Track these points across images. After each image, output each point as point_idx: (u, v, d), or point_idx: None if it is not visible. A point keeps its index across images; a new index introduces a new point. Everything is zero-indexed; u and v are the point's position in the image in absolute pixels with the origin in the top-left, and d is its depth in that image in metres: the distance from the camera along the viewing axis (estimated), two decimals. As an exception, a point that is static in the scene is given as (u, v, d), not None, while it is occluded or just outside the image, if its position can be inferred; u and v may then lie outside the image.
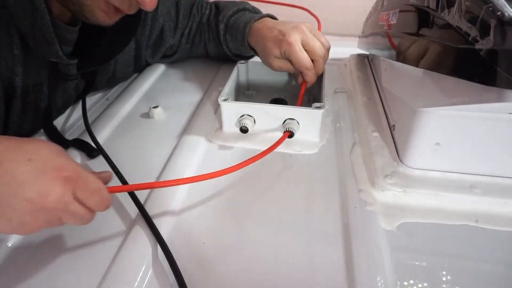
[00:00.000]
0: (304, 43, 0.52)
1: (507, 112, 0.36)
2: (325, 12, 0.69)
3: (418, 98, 0.41)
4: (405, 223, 0.39)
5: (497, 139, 0.38)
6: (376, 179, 0.42)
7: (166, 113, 0.59)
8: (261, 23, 0.60)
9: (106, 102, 0.64)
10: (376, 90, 0.60)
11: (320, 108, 0.47)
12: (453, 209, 0.40)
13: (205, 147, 0.50)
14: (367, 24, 0.68)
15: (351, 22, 0.82)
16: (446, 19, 0.33)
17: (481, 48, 0.28)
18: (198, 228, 0.38)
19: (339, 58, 0.76)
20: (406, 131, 0.43)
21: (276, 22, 0.59)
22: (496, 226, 0.38)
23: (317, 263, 0.34)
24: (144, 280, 0.33)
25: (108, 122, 0.56)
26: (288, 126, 0.48)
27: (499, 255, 0.36)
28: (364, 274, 0.33)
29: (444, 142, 0.40)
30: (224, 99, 0.49)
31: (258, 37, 0.58)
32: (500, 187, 0.40)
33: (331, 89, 0.64)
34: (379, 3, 0.60)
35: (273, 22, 0.60)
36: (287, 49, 0.52)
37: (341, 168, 0.46)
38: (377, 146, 0.47)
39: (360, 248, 0.35)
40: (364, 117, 0.54)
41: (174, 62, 0.75)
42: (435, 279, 0.33)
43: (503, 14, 0.27)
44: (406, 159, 0.43)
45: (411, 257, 0.36)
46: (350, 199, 0.41)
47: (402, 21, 0.45)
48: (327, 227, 0.38)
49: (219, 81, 0.68)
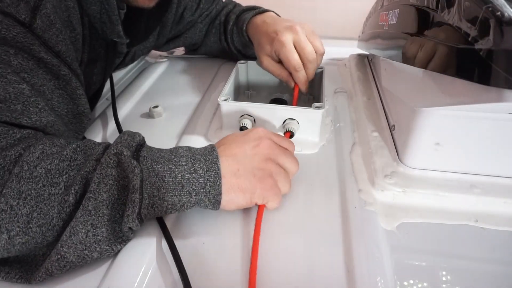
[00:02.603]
0: (295, 44, 0.52)
1: (507, 112, 0.36)
2: (325, 15, 0.69)
3: (418, 98, 0.41)
4: (405, 223, 0.39)
5: (497, 139, 0.38)
6: (376, 179, 0.42)
7: (166, 113, 0.59)
8: (261, 17, 0.61)
9: (107, 102, 0.64)
10: (376, 90, 0.60)
11: (320, 108, 0.47)
12: (453, 209, 0.40)
13: (205, 147, 0.51)
14: (367, 24, 0.68)
15: (350, 24, 0.82)
16: (446, 19, 0.33)
17: (480, 48, 0.28)
18: (198, 228, 0.38)
19: (339, 58, 0.76)
20: (406, 131, 0.43)
21: (276, 19, 0.59)
22: (496, 226, 0.38)
23: (317, 263, 0.34)
24: (144, 280, 0.33)
25: (108, 122, 0.56)
26: (288, 126, 0.48)
27: (499, 255, 0.36)
28: (364, 274, 0.33)
29: (444, 142, 0.40)
30: (224, 99, 0.49)
31: (255, 31, 0.60)
32: (500, 187, 0.40)
33: (331, 89, 0.64)
34: (379, 3, 0.60)
35: (272, 18, 0.60)
36: (277, 47, 0.53)
37: (341, 168, 0.46)
38: (377, 146, 0.47)
39: (360, 248, 0.35)
40: (364, 117, 0.54)
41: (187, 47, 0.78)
42: (435, 279, 0.33)
43: (502, 14, 0.27)
44: (406, 159, 0.43)
45: (411, 257, 0.36)
46: (350, 199, 0.41)
47: (402, 21, 0.45)
48: (327, 227, 0.38)
49: (219, 81, 0.68)
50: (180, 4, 0.67)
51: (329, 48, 0.58)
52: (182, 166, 0.35)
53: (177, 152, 0.37)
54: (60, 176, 0.32)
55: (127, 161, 0.33)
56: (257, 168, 0.38)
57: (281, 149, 0.41)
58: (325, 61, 0.75)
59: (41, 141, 0.33)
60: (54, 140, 0.34)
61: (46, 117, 0.37)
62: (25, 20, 0.36)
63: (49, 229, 0.31)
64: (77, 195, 0.32)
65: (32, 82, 0.37)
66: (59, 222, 0.31)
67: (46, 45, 0.37)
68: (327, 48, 0.57)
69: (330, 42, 0.55)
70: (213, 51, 0.76)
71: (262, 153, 0.38)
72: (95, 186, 0.32)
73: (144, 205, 0.33)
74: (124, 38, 0.51)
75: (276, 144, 0.40)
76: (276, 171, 0.39)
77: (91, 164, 0.33)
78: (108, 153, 0.33)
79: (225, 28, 0.70)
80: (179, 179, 0.34)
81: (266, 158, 0.38)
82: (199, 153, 0.37)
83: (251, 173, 0.37)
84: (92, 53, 0.51)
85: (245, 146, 0.38)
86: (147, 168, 0.34)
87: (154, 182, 0.34)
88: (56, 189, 0.31)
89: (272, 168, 0.38)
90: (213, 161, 0.36)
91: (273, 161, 0.39)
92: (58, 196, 0.31)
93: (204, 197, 0.35)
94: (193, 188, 0.35)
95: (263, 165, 0.38)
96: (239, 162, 0.37)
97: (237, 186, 0.36)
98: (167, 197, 0.34)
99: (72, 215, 0.32)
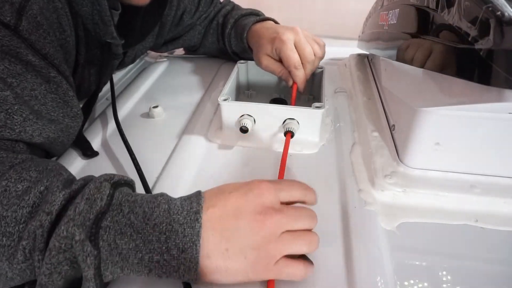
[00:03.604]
0: (296, 44, 0.53)
1: (507, 112, 0.36)
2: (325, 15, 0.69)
3: (418, 98, 0.41)
4: (405, 223, 0.39)
5: (497, 139, 0.38)
6: (376, 179, 0.42)
7: (166, 113, 0.59)
8: (261, 24, 0.62)
9: (106, 102, 0.64)
10: (376, 90, 0.60)
11: (320, 108, 0.47)
12: (453, 209, 0.40)
13: (205, 147, 0.51)
14: (367, 24, 0.68)
15: (350, 24, 0.83)
16: (446, 19, 0.33)
17: (480, 48, 0.28)
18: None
19: (339, 58, 0.76)
20: (406, 131, 0.43)
21: (275, 25, 0.62)
22: (496, 226, 0.38)
23: (317, 263, 0.34)
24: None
25: (108, 122, 0.56)
26: (288, 126, 0.48)
27: (499, 255, 0.36)
28: (364, 274, 0.33)
29: (444, 142, 0.40)
30: (224, 99, 0.49)
31: (255, 37, 0.60)
32: (500, 187, 0.40)
33: (331, 89, 0.64)
34: (379, 3, 0.60)
35: (272, 24, 0.62)
36: (278, 45, 0.53)
37: (341, 168, 0.46)
38: (377, 146, 0.47)
39: (360, 248, 0.35)
40: (364, 117, 0.54)
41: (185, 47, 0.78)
42: (435, 279, 0.33)
43: (503, 14, 0.27)
44: (406, 159, 0.43)
45: (411, 257, 0.36)
46: (350, 199, 0.41)
47: (402, 21, 0.45)
48: (327, 227, 0.38)
49: (219, 81, 0.68)
50: (179, 7, 0.67)
51: (329, 48, 0.59)
52: (153, 243, 0.28)
53: (152, 216, 0.29)
54: (16, 225, 0.28)
55: (78, 249, 0.27)
56: (251, 248, 0.30)
57: (292, 217, 0.32)
58: (325, 61, 0.75)
59: (7, 174, 0.30)
60: (23, 174, 0.31)
61: (31, 126, 0.36)
62: (10, 22, 0.34)
63: (6, 281, 0.29)
64: (26, 251, 0.28)
65: (21, 87, 0.35)
66: (15, 277, 0.28)
67: (32, 48, 0.36)
68: (327, 48, 0.57)
69: (330, 42, 0.55)
70: (212, 51, 0.76)
71: (264, 233, 0.30)
72: (46, 279, 0.27)
73: (102, 284, 0.28)
74: (118, 39, 0.50)
75: (284, 215, 0.31)
76: (279, 247, 0.30)
77: (40, 217, 0.28)
78: (57, 235, 0.27)
79: (222, 31, 0.70)
80: (146, 262, 0.28)
81: (266, 237, 0.30)
82: (179, 220, 0.29)
83: (243, 254, 0.29)
84: (88, 54, 0.50)
85: (239, 219, 0.30)
86: (108, 244, 0.28)
87: (117, 262, 0.28)
88: (8, 241, 0.28)
89: (272, 249, 0.30)
90: (192, 239, 0.29)
91: (276, 239, 0.30)
92: (9, 249, 0.28)
93: (178, 279, 0.30)
94: (163, 271, 0.29)
95: (260, 245, 0.30)
96: (228, 239, 0.29)
97: (225, 269, 0.29)
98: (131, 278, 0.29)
99: (24, 271, 0.28)
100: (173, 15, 0.67)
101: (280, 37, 0.53)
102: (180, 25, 0.70)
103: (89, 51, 0.50)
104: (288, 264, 0.31)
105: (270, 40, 0.55)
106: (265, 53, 0.56)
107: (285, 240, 0.31)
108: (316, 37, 0.57)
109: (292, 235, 0.31)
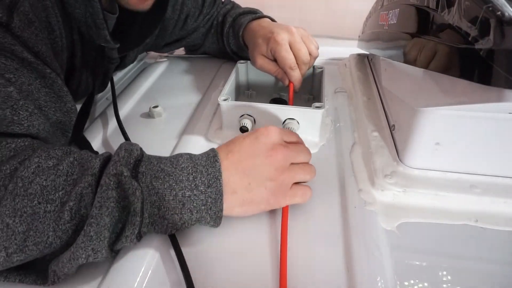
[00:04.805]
0: (290, 44, 0.53)
1: (507, 112, 0.36)
2: (325, 15, 0.69)
3: (418, 98, 0.41)
4: (405, 223, 0.39)
5: (497, 139, 0.38)
6: (376, 178, 0.42)
7: (166, 113, 0.59)
8: (258, 22, 0.62)
9: (106, 102, 0.64)
10: (376, 90, 0.60)
11: (320, 108, 0.47)
12: (453, 209, 0.40)
13: (205, 147, 0.50)
14: (367, 24, 0.68)
15: (350, 24, 0.83)
16: (446, 19, 0.33)
17: (481, 48, 0.28)
18: (199, 228, 0.38)
19: (339, 58, 0.76)
20: (406, 130, 0.43)
21: (272, 23, 0.61)
22: (496, 226, 0.38)
23: (317, 263, 0.34)
24: (144, 280, 0.33)
25: (109, 122, 0.56)
26: (288, 126, 0.48)
27: (499, 255, 0.36)
28: (364, 274, 0.33)
29: (444, 142, 0.40)
30: (224, 99, 0.49)
31: (251, 34, 0.60)
32: (500, 187, 0.40)
33: (331, 89, 0.64)
34: (379, 3, 0.60)
35: (268, 22, 0.62)
36: (273, 46, 0.53)
37: (341, 167, 0.46)
38: (377, 145, 0.47)
39: (360, 248, 0.35)
40: (364, 117, 0.54)
41: (187, 47, 0.78)
42: (435, 279, 0.33)
43: (503, 14, 0.27)
44: (406, 159, 0.43)
45: (411, 256, 0.36)
46: (350, 199, 0.41)
47: (402, 21, 0.45)
48: (327, 227, 0.38)
49: (219, 81, 0.68)
50: (183, 11, 0.67)
51: (329, 48, 0.59)
52: (183, 182, 0.33)
53: (178, 163, 0.35)
54: (56, 192, 0.31)
55: (128, 183, 0.31)
56: (269, 179, 0.36)
57: (294, 151, 0.39)
58: (325, 61, 0.75)
59: (36, 153, 0.32)
60: (50, 151, 0.33)
61: (37, 120, 0.36)
62: (2, 20, 0.34)
63: (45, 247, 0.30)
64: (72, 211, 0.30)
65: (19, 82, 0.35)
66: (55, 240, 0.30)
67: (25, 45, 0.36)
68: (327, 48, 0.57)
69: (330, 42, 0.55)
70: (212, 51, 0.76)
71: (275, 165, 0.37)
72: (97, 210, 0.30)
73: (144, 224, 0.33)
74: (112, 43, 0.49)
75: (289, 149, 0.38)
76: (291, 175, 0.37)
77: (86, 179, 0.31)
78: (107, 173, 0.31)
79: (221, 29, 0.70)
80: (179, 197, 0.33)
81: (279, 169, 0.37)
82: (201, 163, 0.35)
83: (263, 185, 0.36)
84: (85, 58, 0.50)
85: (255, 158, 0.36)
86: (146, 186, 0.33)
87: (155, 201, 0.33)
88: (52, 206, 0.30)
89: (286, 178, 0.37)
90: (215, 175, 0.34)
91: (287, 170, 0.37)
92: (54, 213, 0.30)
93: (206, 214, 0.34)
94: (194, 205, 0.34)
95: (276, 175, 0.36)
96: (249, 175, 0.36)
97: (250, 200, 0.36)
98: (168, 215, 0.33)
99: (67, 232, 0.30)
100: (176, 18, 0.66)
101: (275, 38, 0.53)
102: (184, 29, 0.70)
103: (85, 54, 0.50)
104: (300, 188, 0.38)
105: (265, 40, 0.55)
106: (260, 53, 0.56)
107: (294, 170, 0.38)
108: (310, 37, 0.57)
109: (298, 166, 0.39)
